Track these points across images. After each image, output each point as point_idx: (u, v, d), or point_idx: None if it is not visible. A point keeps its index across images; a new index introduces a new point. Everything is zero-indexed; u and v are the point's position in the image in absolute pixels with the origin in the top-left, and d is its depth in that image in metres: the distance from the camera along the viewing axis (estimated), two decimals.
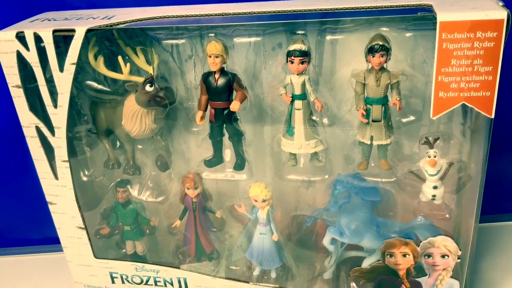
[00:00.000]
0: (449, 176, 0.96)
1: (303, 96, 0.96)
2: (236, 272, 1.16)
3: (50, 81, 0.95)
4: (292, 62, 0.93)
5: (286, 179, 1.07)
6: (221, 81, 0.97)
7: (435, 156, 0.94)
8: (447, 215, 1.01)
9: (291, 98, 0.96)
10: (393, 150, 0.98)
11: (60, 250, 1.34)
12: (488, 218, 1.29)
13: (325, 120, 1.00)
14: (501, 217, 1.40)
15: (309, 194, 1.13)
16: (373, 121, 0.93)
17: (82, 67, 1.02)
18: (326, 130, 1.00)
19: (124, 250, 1.20)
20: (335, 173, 1.03)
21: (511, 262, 1.24)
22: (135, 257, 1.19)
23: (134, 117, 1.03)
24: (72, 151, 1.06)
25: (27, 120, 1.00)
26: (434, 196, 0.96)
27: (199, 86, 1.01)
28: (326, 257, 1.15)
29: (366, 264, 1.06)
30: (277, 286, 1.11)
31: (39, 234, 1.47)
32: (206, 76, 0.98)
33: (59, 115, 0.98)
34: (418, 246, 0.97)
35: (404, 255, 0.99)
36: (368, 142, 0.95)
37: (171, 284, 1.15)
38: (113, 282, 1.18)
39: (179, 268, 1.14)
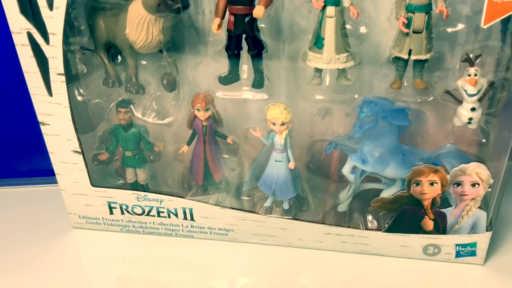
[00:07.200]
0: (487, 98, 0.89)
1: (337, 1, 0.85)
2: (246, 203, 1.10)
3: None
4: None
5: (309, 99, 0.97)
6: None
7: (475, 75, 0.86)
8: (484, 140, 0.94)
9: (322, 4, 0.86)
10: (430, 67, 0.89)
11: (50, 182, 1.25)
12: None
13: (363, 29, 0.90)
14: None
15: (325, 122, 1.05)
16: (413, 32, 0.84)
17: None
18: (357, 44, 0.90)
19: (123, 179, 1.12)
20: (364, 93, 0.95)
21: None
22: (136, 186, 1.11)
23: (140, 25, 0.92)
24: (66, 67, 0.94)
25: (17, 24, 0.89)
26: (470, 119, 0.89)
27: None
28: (341, 189, 1.08)
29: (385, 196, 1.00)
30: (290, 217, 1.05)
31: (25, 165, 1.36)
32: None
33: (55, 19, 0.88)
34: (448, 174, 0.91)
35: (432, 184, 0.93)
36: (406, 57, 0.86)
37: (175, 215, 1.07)
38: (111, 212, 1.10)
39: (184, 198, 1.06)
